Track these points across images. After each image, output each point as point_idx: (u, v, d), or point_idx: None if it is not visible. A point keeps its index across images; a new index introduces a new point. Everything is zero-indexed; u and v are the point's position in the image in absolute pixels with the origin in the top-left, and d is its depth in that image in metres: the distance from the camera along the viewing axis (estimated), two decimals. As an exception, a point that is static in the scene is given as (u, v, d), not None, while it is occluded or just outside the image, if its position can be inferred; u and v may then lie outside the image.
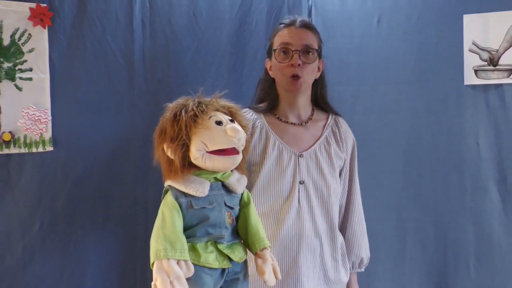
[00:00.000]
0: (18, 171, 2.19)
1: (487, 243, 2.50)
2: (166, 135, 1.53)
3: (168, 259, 1.41)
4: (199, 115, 1.51)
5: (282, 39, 2.04)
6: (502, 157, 2.48)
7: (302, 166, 2.02)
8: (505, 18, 2.45)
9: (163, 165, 1.56)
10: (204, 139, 1.50)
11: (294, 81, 2.01)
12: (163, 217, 1.49)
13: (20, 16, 2.17)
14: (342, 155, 2.14)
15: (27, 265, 2.20)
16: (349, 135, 2.20)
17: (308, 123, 2.12)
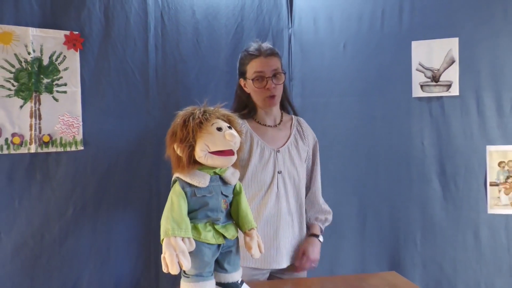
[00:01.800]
0: (55, 166, 2.21)
1: (430, 223, 2.53)
2: (176, 137, 1.54)
3: (175, 237, 1.43)
4: (203, 122, 1.52)
5: (255, 69, 2.04)
6: (442, 155, 2.52)
7: (279, 159, 2.05)
8: (444, 44, 2.48)
9: (173, 161, 1.57)
10: (207, 141, 1.51)
11: (270, 100, 2.05)
12: (171, 202, 1.51)
13: (57, 41, 2.20)
14: (306, 148, 2.15)
15: (62, 242, 2.22)
16: (309, 131, 2.21)
17: (280, 124, 2.14)
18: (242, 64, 2.12)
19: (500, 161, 2.44)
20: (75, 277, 2.25)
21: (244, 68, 2.10)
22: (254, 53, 2.07)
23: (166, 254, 1.42)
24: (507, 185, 2.43)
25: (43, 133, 2.18)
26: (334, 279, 1.76)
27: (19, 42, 2.13)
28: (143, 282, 2.39)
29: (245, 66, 2.09)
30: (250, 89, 2.09)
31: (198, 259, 1.49)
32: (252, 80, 2.04)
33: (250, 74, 2.06)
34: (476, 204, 2.47)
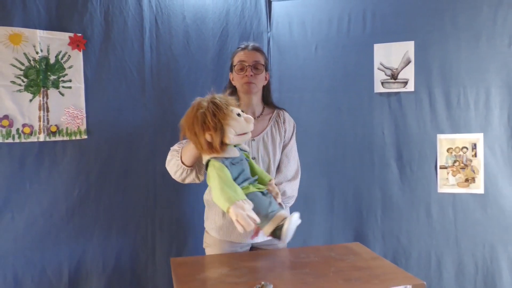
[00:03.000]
0: (62, 153, 2.20)
1: (389, 201, 2.55)
2: (207, 125, 1.55)
3: (238, 201, 1.46)
4: (226, 110, 1.57)
5: (239, 58, 2.03)
6: (399, 142, 2.53)
7: (254, 146, 2.03)
8: (402, 47, 2.49)
9: (202, 146, 1.57)
10: (234, 127, 1.57)
11: (248, 85, 2.02)
12: (219, 177, 1.53)
13: (62, 42, 2.18)
14: (283, 138, 2.11)
15: (69, 220, 2.22)
16: (288, 121, 2.16)
17: (260, 117, 2.10)
18: (231, 58, 2.11)
19: (449, 148, 2.47)
20: (81, 250, 2.25)
21: (232, 60, 2.09)
22: (241, 47, 2.09)
23: (238, 217, 1.44)
24: (454, 168, 2.47)
25: (50, 123, 2.17)
26: (307, 250, 1.79)
27: (28, 43, 2.10)
28: (141, 254, 2.39)
29: (232, 58, 2.09)
30: (234, 79, 2.07)
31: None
32: (235, 67, 2.04)
33: (235, 63, 2.05)
34: (428, 184, 2.50)
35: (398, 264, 2.43)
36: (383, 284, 1.48)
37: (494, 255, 2.43)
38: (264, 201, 1.61)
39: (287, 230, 1.51)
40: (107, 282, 2.31)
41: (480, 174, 2.43)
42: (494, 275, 2.42)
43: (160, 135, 2.40)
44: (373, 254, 1.83)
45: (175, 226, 2.45)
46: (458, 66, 2.44)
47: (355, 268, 1.63)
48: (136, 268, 2.38)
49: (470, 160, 2.44)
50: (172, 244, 2.45)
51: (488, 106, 2.42)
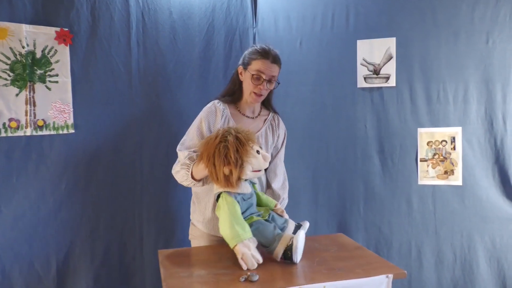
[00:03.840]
0: (49, 147, 2.17)
1: (371, 193, 2.58)
2: (228, 160, 1.57)
3: (245, 240, 1.51)
4: (248, 147, 1.60)
5: (259, 67, 1.92)
6: (381, 136, 2.55)
7: None
8: (384, 43, 2.50)
9: (220, 180, 1.59)
10: (252, 164, 1.60)
11: (257, 97, 1.97)
12: (230, 212, 1.56)
13: (48, 37, 2.14)
14: (274, 141, 2.11)
15: (57, 213, 2.20)
16: (281, 127, 2.15)
17: (257, 117, 2.07)
18: (249, 57, 1.97)
19: (429, 141, 2.49)
20: (68, 242, 2.23)
21: (250, 61, 1.96)
22: (264, 54, 1.95)
23: (243, 256, 1.49)
24: (434, 160, 2.49)
25: (37, 118, 2.13)
26: (292, 240, 1.79)
27: (14, 37, 2.06)
28: (129, 246, 2.38)
29: (252, 60, 1.96)
30: (245, 79, 1.99)
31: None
32: (251, 75, 1.94)
33: (252, 69, 1.94)
34: (408, 176, 2.53)
35: (380, 254, 2.47)
36: (365, 273, 1.49)
37: (472, 244, 2.46)
38: (269, 226, 1.64)
39: (296, 248, 1.52)
40: (95, 274, 2.29)
41: (459, 166, 2.46)
42: (472, 263, 2.46)
43: (147, 129, 2.38)
44: (356, 244, 1.85)
45: (163, 218, 2.44)
46: (438, 62, 2.46)
47: (339, 258, 1.65)
48: (124, 260, 2.37)
49: (449, 153, 2.47)
50: (160, 236, 2.43)
51: (466, 100, 2.45)
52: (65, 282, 2.23)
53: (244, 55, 2.02)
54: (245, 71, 1.99)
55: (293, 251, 1.52)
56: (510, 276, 2.43)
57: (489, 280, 2.45)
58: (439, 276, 2.51)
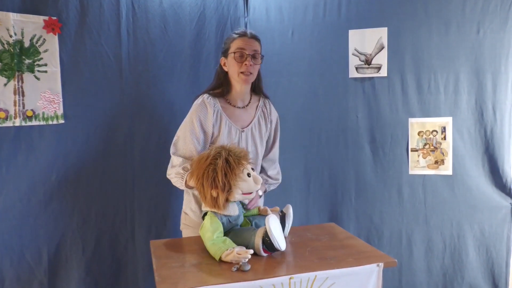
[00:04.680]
0: (39, 137, 2.15)
1: (363, 183, 2.59)
2: (216, 184, 1.55)
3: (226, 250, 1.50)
4: (237, 171, 1.57)
5: (238, 45, 1.93)
6: (372, 126, 2.56)
7: (243, 138, 1.99)
8: (376, 33, 2.49)
9: (207, 199, 1.59)
10: (241, 188, 1.58)
11: (246, 76, 1.95)
12: (212, 232, 1.56)
13: (36, 26, 2.11)
14: (268, 129, 2.11)
15: (47, 204, 2.19)
16: (273, 113, 2.15)
17: (248, 106, 2.05)
18: (226, 43, 2.00)
19: (420, 131, 2.51)
20: (60, 234, 2.22)
21: (228, 46, 1.97)
22: (240, 33, 1.98)
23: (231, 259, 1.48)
24: (424, 150, 2.51)
25: (26, 108, 2.11)
26: (284, 230, 1.80)
27: (1, 26, 2.03)
28: (121, 237, 2.37)
29: (229, 44, 1.97)
30: (229, 65, 1.96)
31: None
32: (233, 54, 1.93)
33: (233, 50, 1.94)
34: (399, 166, 2.54)
35: (371, 243, 2.47)
36: (356, 262, 1.50)
37: (461, 233, 2.49)
38: (245, 228, 1.67)
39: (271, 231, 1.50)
40: (87, 265, 2.28)
41: (449, 156, 2.48)
42: (461, 252, 2.50)
43: (137, 119, 2.36)
44: (347, 234, 1.85)
45: (154, 208, 2.43)
46: (429, 52, 2.46)
47: (330, 247, 1.65)
48: (115, 251, 2.36)
49: (439, 143, 2.48)
50: (151, 227, 2.43)
51: (457, 91, 2.46)
52: (56, 273, 2.23)
53: (222, 46, 2.04)
54: (227, 58, 1.98)
55: (269, 235, 1.50)
56: (498, 263, 2.47)
57: (478, 268, 2.49)
58: (429, 264, 2.54)
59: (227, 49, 1.98)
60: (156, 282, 1.38)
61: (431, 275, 2.54)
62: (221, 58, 2.01)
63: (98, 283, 2.32)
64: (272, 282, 1.39)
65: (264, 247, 1.53)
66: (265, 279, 1.39)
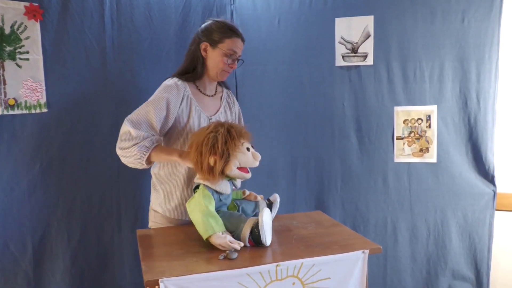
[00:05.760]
0: (22, 127, 2.11)
1: (348, 171, 2.60)
2: (215, 150, 1.54)
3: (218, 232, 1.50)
4: (238, 142, 1.57)
5: (233, 47, 1.91)
6: (358, 114, 2.57)
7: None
8: (362, 21, 2.49)
9: (203, 168, 1.56)
10: (239, 159, 1.57)
11: (224, 75, 1.97)
12: (204, 204, 1.54)
13: (17, 12, 2.05)
14: (232, 118, 2.10)
15: (31, 194, 2.15)
16: (236, 103, 2.15)
17: (215, 95, 2.05)
18: (221, 35, 1.91)
19: (405, 119, 2.53)
20: (44, 224, 2.19)
21: (222, 39, 1.91)
22: (236, 32, 1.94)
23: (222, 245, 1.49)
24: (409, 138, 2.53)
25: (8, 96, 2.06)
26: (270, 218, 1.80)
27: (-19, 12, 1.97)
28: (107, 226, 2.35)
29: (224, 38, 1.91)
30: (212, 56, 1.92)
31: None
32: (225, 52, 1.90)
33: (225, 47, 1.90)
34: (385, 154, 2.56)
35: (357, 230, 2.51)
36: (342, 249, 1.52)
37: (445, 220, 2.53)
38: (234, 212, 1.67)
39: (262, 224, 1.50)
40: (72, 255, 2.27)
41: (434, 144, 2.50)
42: (445, 238, 2.54)
43: (123, 107, 2.31)
44: (333, 221, 1.87)
45: (140, 197, 2.41)
46: (415, 41, 2.47)
47: (317, 235, 1.67)
48: (101, 240, 2.35)
49: (424, 131, 2.51)
50: (138, 216, 2.41)
51: (441, 79, 2.47)
52: (41, 263, 2.21)
53: (208, 30, 1.94)
54: (213, 49, 1.93)
55: (259, 228, 1.51)
56: (480, 249, 2.51)
57: (461, 253, 2.53)
58: (413, 251, 2.58)
59: (217, 40, 1.92)
60: (142, 271, 1.38)
61: (415, 261, 2.58)
62: (204, 43, 1.93)
63: (84, 273, 2.31)
64: (259, 270, 1.40)
65: (250, 237, 1.54)
66: (252, 267, 1.40)
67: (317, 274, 1.45)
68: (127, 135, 1.78)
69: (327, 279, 1.47)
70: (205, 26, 1.96)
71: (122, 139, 1.80)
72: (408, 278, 2.59)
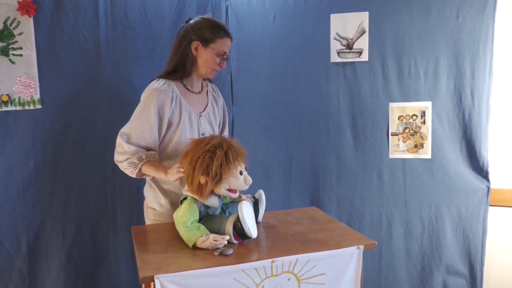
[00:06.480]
0: (15, 123, 2.10)
1: (344, 167, 2.60)
2: (208, 172, 1.53)
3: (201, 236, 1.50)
4: (232, 166, 1.56)
5: (224, 47, 1.93)
6: (353, 110, 2.57)
7: (202, 123, 1.97)
8: (357, 17, 2.49)
9: (193, 184, 1.56)
10: (230, 183, 1.57)
11: (214, 74, 1.99)
12: (188, 217, 1.55)
13: (10, 8, 2.05)
14: (220, 112, 2.11)
15: (25, 191, 2.15)
16: (221, 97, 2.15)
17: (202, 91, 2.04)
18: (212, 34, 1.91)
19: (400, 115, 2.53)
20: (39, 221, 2.19)
21: (214, 39, 1.91)
22: (226, 32, 1.95)
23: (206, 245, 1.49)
24: (404, 134, 2.54)
25: (1, 93, 2.06)
26: (265, 215, 1.80)
27: (-27, 8, 1.96)
28: (102, 223, 2.35)
29: (216, 38, 1.91)
30: (203, 56, 1.93)
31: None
32: (217, 52, 1.91)
33: (217, 48, 1.91)
34: (380, 150, 2.57)
35: (352, 226, 2.52)
36: (337, 245, 1.52)
37: (439, 216, 2.54)
38: (217, 215, 1.66)
39: (243, 216, 1.50)
40: (67, 252, 2.26)
41: (428, 140, 2.51)
42: (439, 234, 2.55)
43: (117, 103, 2.32)
44: (328, 217, 1.87)
45: (135, 194, 2.41)
46: (409, 37, 2.47)
47: (312, 231, 1.67)
48: (97, 237, 2.34)
49: (419, 127, 2.51)
50: (133, 212, 2.41)
51: (436, 75, 2.48)
52: (36, 260, 2.20)
53: (199, 29, 1.92)
54: (204, 48, 1.92)
55: (241, 221, 1.50)
56: (474, 244, 2.53)
57: (455, 249, 2.55)
58: (407, 247, 2.59)
59: (209, 40, 1.91)
60: (138, 268, 1.38)
61: (410, 257, 2.59)
62: (196, 42, 1.91)
63: (79, 270, 2.31)
64: (254, 265, 1.40)
65: (235, 232, 1.53)
66: (247, 263, 1.40)
67: (312, 270, 1.46)
68: (121, 148, 1.86)
69: (322, 275, 1.48)
70: (195, 24, 1.95)
71: (117, 151, 1.88)
72: (403, 274, 2.60)
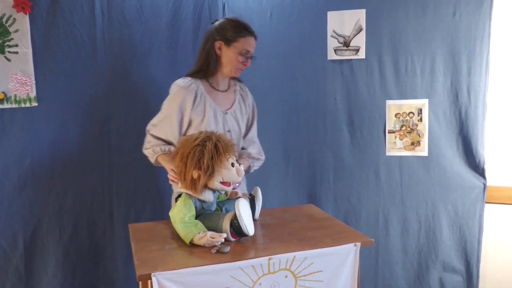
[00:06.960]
0: (11, 121, 2.10)
1: (341, 164, 2.60)
2: (200, 166, 1.53)
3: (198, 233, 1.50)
4: (223, 158, 1.56)
5: (247, 46, 1.96)
6: (350, 108, 2.56)
7: (227, 120, 2.00)
8: (354, 15, 2.48)
9: (186, 180, 1.56)
10: (223, 175, 1.56)
11: (238, 72, 2.01)
12: (184, 213, 1.54)
13: (5, 5, 2.04)
14: (247, 111, 2.11)
15: (22, 189, 2.15)
16: (250, 96, 2.16)
17: (228, 90, 2.06)
18: (235, 34, 1.94)
19: (396, 113, 2.53)
20: (35, 219, 2.19)
21: (237, 38, 1.94)
22: (250, 31, 1.98)
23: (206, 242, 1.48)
24: (401, 132, 2.54)
25: (-3, 91, 2.05)
26: (263, 212, 1.80)
27: (-32, 5, 1.95)
28: (99, 221, 2.35)
29: (239, 37, 1.94)
30: (227, 55, 1.96)
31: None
32: (240, 51, 1.94)
33: (240, 47, 1.94)
34: (377, 148, 2.56)
35: (349, 224, 2.51)
36: (334, 242, 1.53)
37: (436, 213, 2.55)
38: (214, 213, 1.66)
39: (240, 213, 1.49)
40: (64, 250, 2.26)
41: (425, 138, 2.51)
42: (436, 231, 2.56)
43: (114, 102, 2.32)
44: (325, 215, 1.88)
45: (132, 192, 2.41)
46: (406, 34, 2.47)
47: (309, 228, 1.67)
48: (93, 235, 2.34)
49: (416, 124, 2.52)
50: (130, 211, 2.41)
51: (433, 73, 2.48)
52: (33, 258, 2.20)
53: (222, 29, 1.96)
54: (228, 47, 1.96)
55: (238, 218, 1.50)
56: (470, 241, 2.54)
57: (452, 246, 2.55)
58: (404, 244, 2.59)
59: (232, 39, 1.95)
60: (135, 265, 1.38)
61: (406, 254, 2.60)
62: (219, 42, 1.95)
63: (76, 268, 2.30)
64: (252, 263, 1.40)
65: (232, 230, 1.53)
66: (244, 261, 1.40)
67: (309, 267, 1.46)
68: (146, 137, 1.98)
69: (319, 272, 1.48)
70: (219, 25, 1.99)
71: (146, 140, 1.98)
72: (400, 271, 2.61)
